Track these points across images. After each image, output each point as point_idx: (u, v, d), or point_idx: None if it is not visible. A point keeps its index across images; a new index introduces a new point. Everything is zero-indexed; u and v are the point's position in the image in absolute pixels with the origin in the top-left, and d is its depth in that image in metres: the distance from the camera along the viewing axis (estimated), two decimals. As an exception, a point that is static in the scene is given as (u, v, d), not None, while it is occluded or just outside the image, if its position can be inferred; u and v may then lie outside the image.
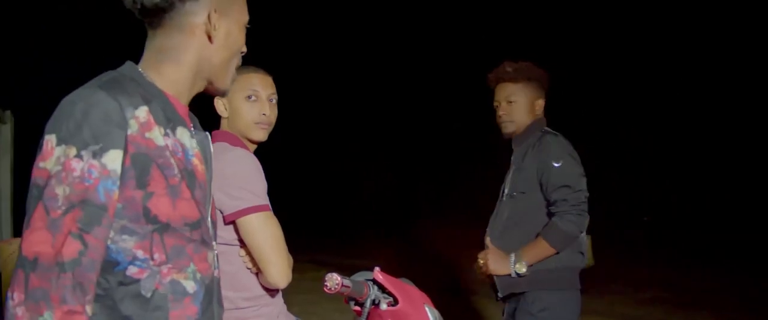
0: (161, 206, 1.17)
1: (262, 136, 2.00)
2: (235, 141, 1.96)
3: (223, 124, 2.02)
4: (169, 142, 1.20)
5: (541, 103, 2.73)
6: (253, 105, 1.97)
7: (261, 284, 1.89)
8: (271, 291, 1.92)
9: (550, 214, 2.55)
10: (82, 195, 1.08)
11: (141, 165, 1.14)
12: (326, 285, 1.55)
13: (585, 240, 2.62)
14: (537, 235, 2.54)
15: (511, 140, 2.79)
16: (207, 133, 1.36)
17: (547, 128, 2.71)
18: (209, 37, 1.27)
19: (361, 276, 1.68)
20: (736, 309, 6.09)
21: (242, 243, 1.85)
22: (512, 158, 2.76)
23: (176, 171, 1.19)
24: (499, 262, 2.56)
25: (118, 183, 1.11)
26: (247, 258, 1.86)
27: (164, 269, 1.18)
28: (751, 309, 6.10)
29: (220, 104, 2.01)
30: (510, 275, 2.55)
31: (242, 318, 1.86)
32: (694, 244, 10.20)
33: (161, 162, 1.17)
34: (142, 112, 1.15)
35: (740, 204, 12.68)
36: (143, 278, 1.16)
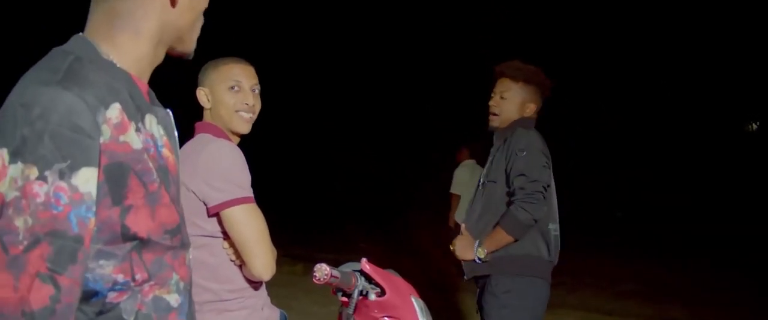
0: (140, 220, 0.97)
1: (245, 128, 1.98)
2: (218, 132, 1.94)
3: (206, 115, 2.00)
4: (142, 138, 1.00)
5: (532, 107, 2.80)
6: (236, 95, 1.95)
7: (245, 276, 1.88)
8: (255, 284, 1.91)
9: (509, 203, 2.66)
10: (49, 226, 0.86)
11: (116, 178, 0.93)
12: (315, 276, 1.55)
13: (552, 231, 2.71)
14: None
15: (493, 134, 2.87)
16: (167, 110, 1.16)
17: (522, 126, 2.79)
18: (171, 1, 1.07)
19: (349, 267, 1.69)
20: (709, 302, 6.16)
21: (226, 236, 1.83)
22: (491, 150, 2.85)
23: (155, 175, 1.00)
24: (466, 248, 2.71)
25: (93, 208, 0.90)
26: (230, 251, 1.85)
27: (146, 287, 1.01)
28: (724, 302, 6.19)
29: (202, 95, 1.99)
30: (474, 260, 2.68)
31: (226, 310, 1.85)
32: (667, 238, 10.36)
33: (139, 169, 0.97)
34: (115, 111, 0.94)
35: (713, 198, 12.94)
36: (123, 300, 0.99)
